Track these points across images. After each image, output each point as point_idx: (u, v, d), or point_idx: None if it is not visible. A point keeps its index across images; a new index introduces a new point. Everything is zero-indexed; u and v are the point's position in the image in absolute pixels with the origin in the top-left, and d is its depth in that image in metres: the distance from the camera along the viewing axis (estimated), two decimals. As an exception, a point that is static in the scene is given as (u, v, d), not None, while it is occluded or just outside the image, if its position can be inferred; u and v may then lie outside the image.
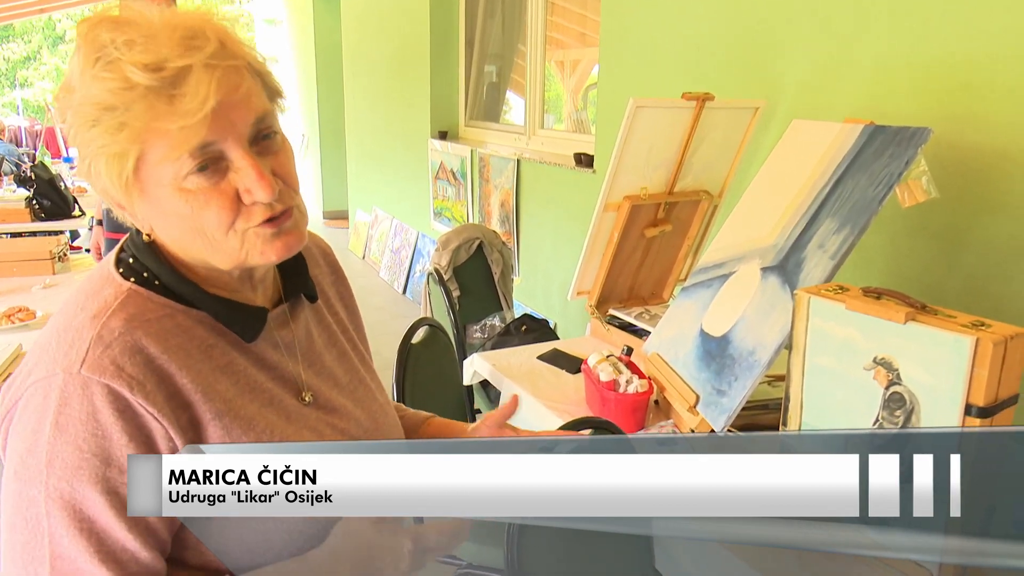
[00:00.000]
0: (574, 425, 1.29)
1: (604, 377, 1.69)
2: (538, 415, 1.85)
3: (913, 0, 1.83)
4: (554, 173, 3.56)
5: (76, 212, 4.64)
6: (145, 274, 0.73)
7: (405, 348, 1.74)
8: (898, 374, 1.11)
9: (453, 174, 4.69)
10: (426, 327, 1.88)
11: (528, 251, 3.87)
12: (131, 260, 0.74)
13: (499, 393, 2.29)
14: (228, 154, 0.68)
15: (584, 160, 3.31)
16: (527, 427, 1.96)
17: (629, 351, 1.84)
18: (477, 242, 3.18)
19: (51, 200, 4.45)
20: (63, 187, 4.61)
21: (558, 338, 2.64)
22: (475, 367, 2.19)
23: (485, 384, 2.38)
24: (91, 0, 7.89)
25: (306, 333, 0.83)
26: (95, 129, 0.65)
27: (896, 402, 1.12)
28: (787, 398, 1.30)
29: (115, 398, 0.65)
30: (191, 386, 0.69)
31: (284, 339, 0.79)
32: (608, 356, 1.81)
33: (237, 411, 0.71)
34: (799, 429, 1.28)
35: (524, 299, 3.92)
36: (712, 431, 1.53)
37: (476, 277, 3.22)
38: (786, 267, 1.51)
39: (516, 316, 3.48)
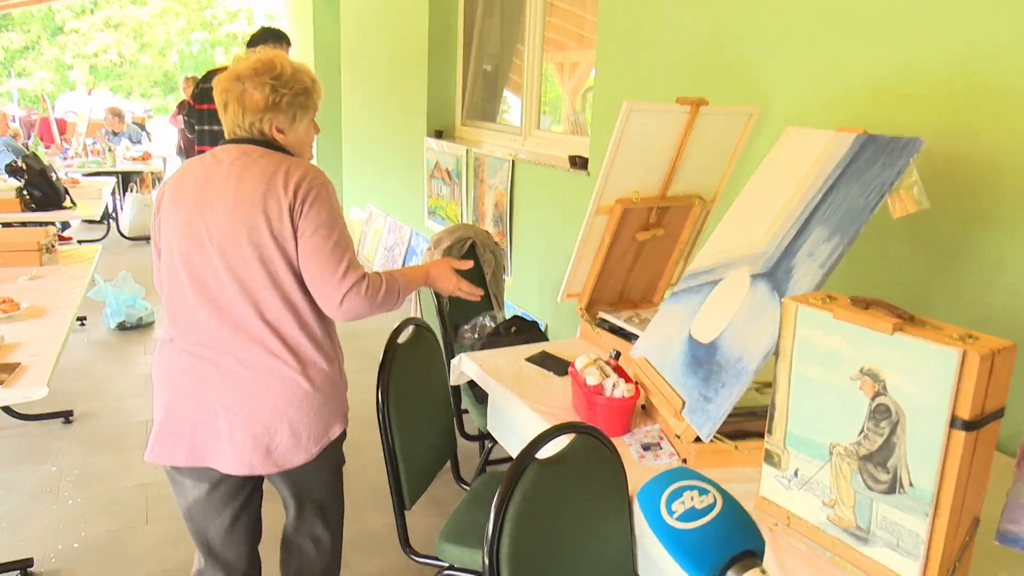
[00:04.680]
0: (557, 430, 1.27)
1: (591, 381, 1.68)
2: (524, 417, 1.83)
3: (906, 11, 1.82)
4: (548, 175, 3.55)
5: (67, 203, 4.61)
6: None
7: (391, 348, 1.73)
8: (884, 385, 1.10)
9: (448, 173, 4.68)
10: (412, 327, 1.86)
11: (521, 252, 3.85)
12: (281, 152, 1.60)
13: (486, 394, 2.27)
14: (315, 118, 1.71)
15: (579, 162, 3.30)
16: (513, 429, 1.94)
17: (617, 355, 1.83)
18: (469, 242, 3.16)
19: (42, 191, 4.42)
20: (55, 178, 4.58)
21: (548, 340, 2.63)
22: (462, 367, 2.18)
23: (472, 384, 2.36)
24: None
25: None
26: (301, 97, 1.61)
27: (881, 413, 1.11)
28: (773, 406, 1.29)
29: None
30: None
31: None
32: (595, 360, 1.80)
33: None
34: (784, 438, 1.27)
35: (516, 300, 3.90)
36: (697, 438, 1.52)
37: (467, 277, 3.18)
38: (775, 275, 1.50)
39: (507, 317, 3.47)
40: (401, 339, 1.79)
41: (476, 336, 3.14)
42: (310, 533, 1.78)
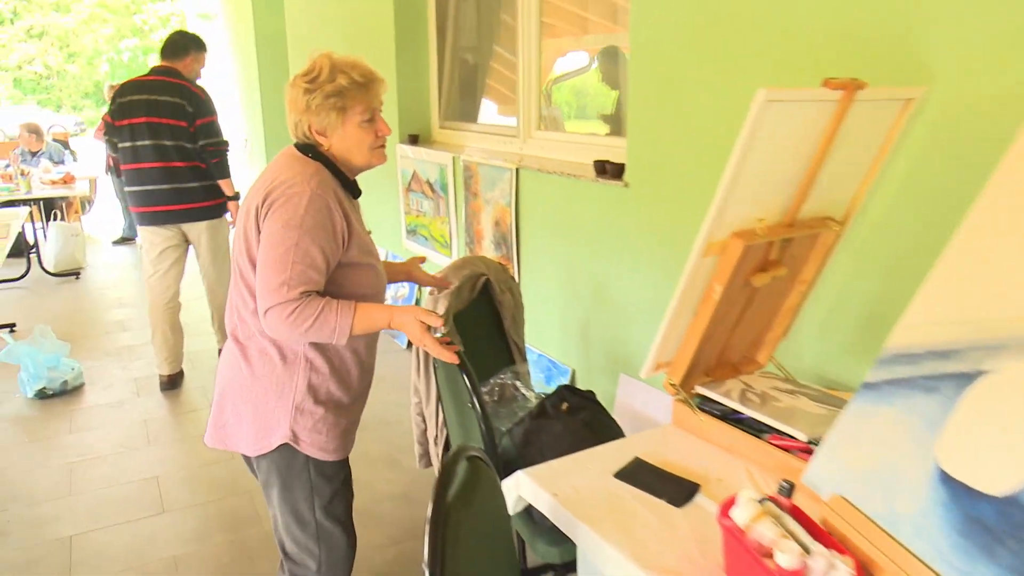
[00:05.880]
0: None
1: (787, 561, 1.00)
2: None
3: None
4: (567, 186, 2.86)
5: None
6: (321, 161, 1.58)
7: (441, 516, 1.03)
8: None
9: (430, 185, 3.96)
10: (464, 461, 1.16)
11: (533, 281, 3.16)
12: (311, 155, 1.58)
13: (543, 518, 1.57)
14: (375, 115, 1.60)
15: (610, 170, 2.62)
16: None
17: (790, 489, 1.16)
18: (482, 279, 2.46)
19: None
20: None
21: (611, 419, 1.95)
22: (521, 491, 1.49)
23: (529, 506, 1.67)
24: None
25: (359, 208, 1.71)
26: (332, 98, 1.54)
27: None
28: None
29: (326, 204, 1.51)
30: (346, 206, 1.56)
31: (356, 206, 1.67)
32: (761, 501, 1.13)
33: (356, 225, 1.60)
34: None
35: (531, 340, 3.22)
36: None
37: (481, 324, 2.51)
38: None
39: (535, 377, 2.78)
40: (452, 491, 1.09)
41: (497, 400, 2.45)
42: (280, 540, 1.76)
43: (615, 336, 2.74)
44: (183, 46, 3.67)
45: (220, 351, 4.15)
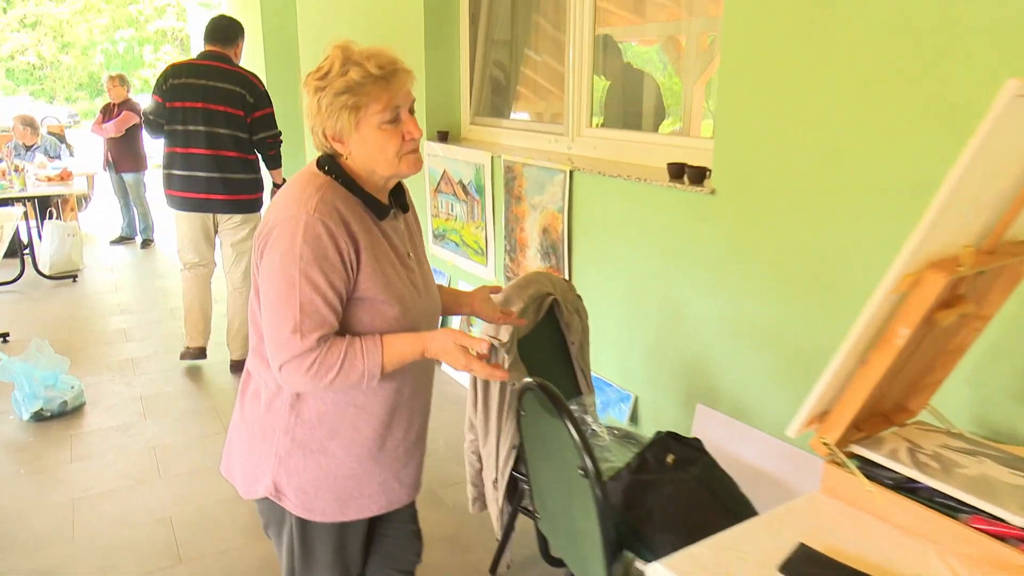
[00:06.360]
0: None
1: None
2: None
3: None
4: (633, 191, 2.55)
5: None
6: (333, 175, 1.36)
7: None
8: None
9: (463, 187, 3.63)
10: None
11: (589, 296, 2.84)
12: (326, 167, 1.36)
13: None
14: (401, 114, 1.34)
15: (690, 174, 2.31)
16: None
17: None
18: (549, 299, 2.15)
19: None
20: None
21: (725, 473, 1.64)
22: (659, 590, 1.18)
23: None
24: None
25: (404, 226, 1.48)
26: (343, 95, 1.29)
27: None
28: None
29: (326, 229, 1.28)
30: (356, 231, 1.33)
31: (393, 226, 1.43)
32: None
33: (372, 251, 1.35)
34: None
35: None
36: None
37: (545, 349, 2.20)
38: None
39: (595, 399, 2.47)
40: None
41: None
42: None
43: (691, 361, 2.43)
44: (233, 32, 3.60)
45: (231, 365, 4.01)
